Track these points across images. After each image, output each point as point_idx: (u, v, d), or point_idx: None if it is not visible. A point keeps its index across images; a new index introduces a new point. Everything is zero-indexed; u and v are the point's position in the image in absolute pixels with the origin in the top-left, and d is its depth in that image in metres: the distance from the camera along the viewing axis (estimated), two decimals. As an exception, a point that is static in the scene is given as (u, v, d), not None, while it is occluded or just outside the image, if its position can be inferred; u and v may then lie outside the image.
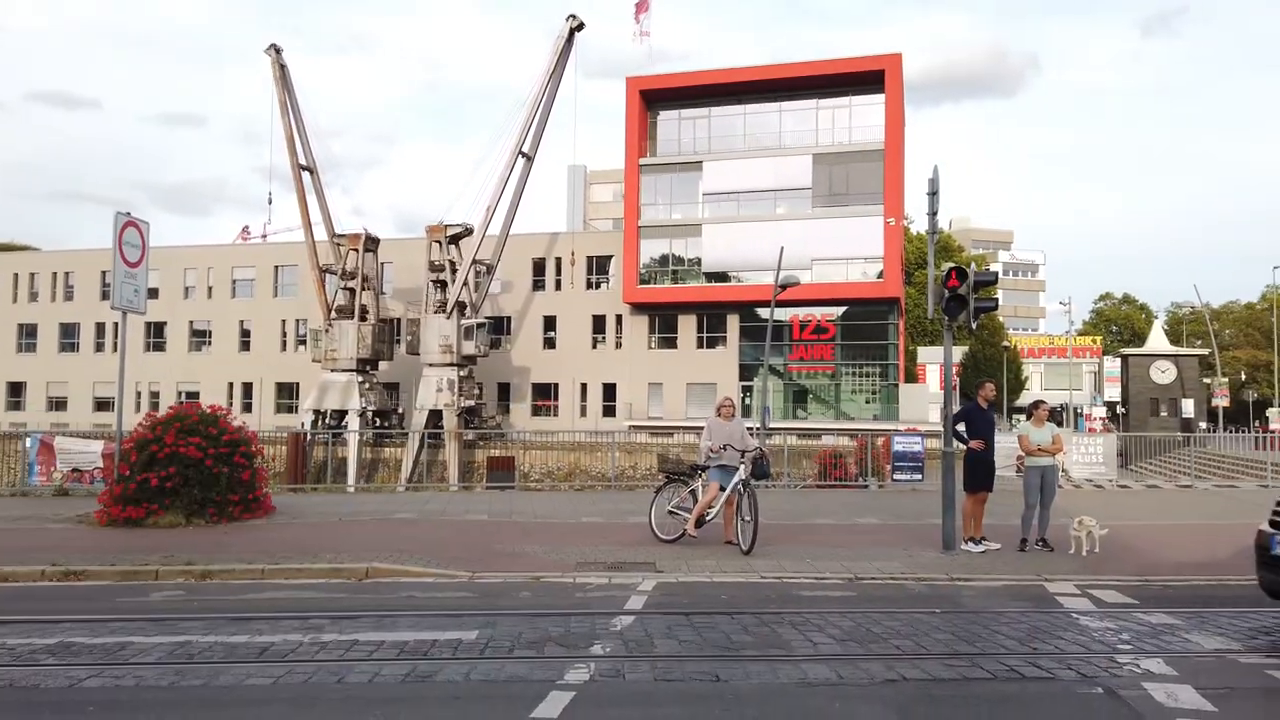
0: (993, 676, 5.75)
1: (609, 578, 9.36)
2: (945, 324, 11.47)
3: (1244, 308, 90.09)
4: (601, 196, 76.54)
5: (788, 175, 46.33)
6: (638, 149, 47.93)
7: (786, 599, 8.35)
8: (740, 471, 10.95)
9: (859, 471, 21.73)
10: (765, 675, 5.79)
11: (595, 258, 50.50)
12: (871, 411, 46.13)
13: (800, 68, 46.02)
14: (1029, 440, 11.29)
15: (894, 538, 12.12)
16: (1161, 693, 5.31)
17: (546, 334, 50.78)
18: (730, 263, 47.09)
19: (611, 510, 15.08)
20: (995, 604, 8.14)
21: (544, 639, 6.76)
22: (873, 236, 44.83)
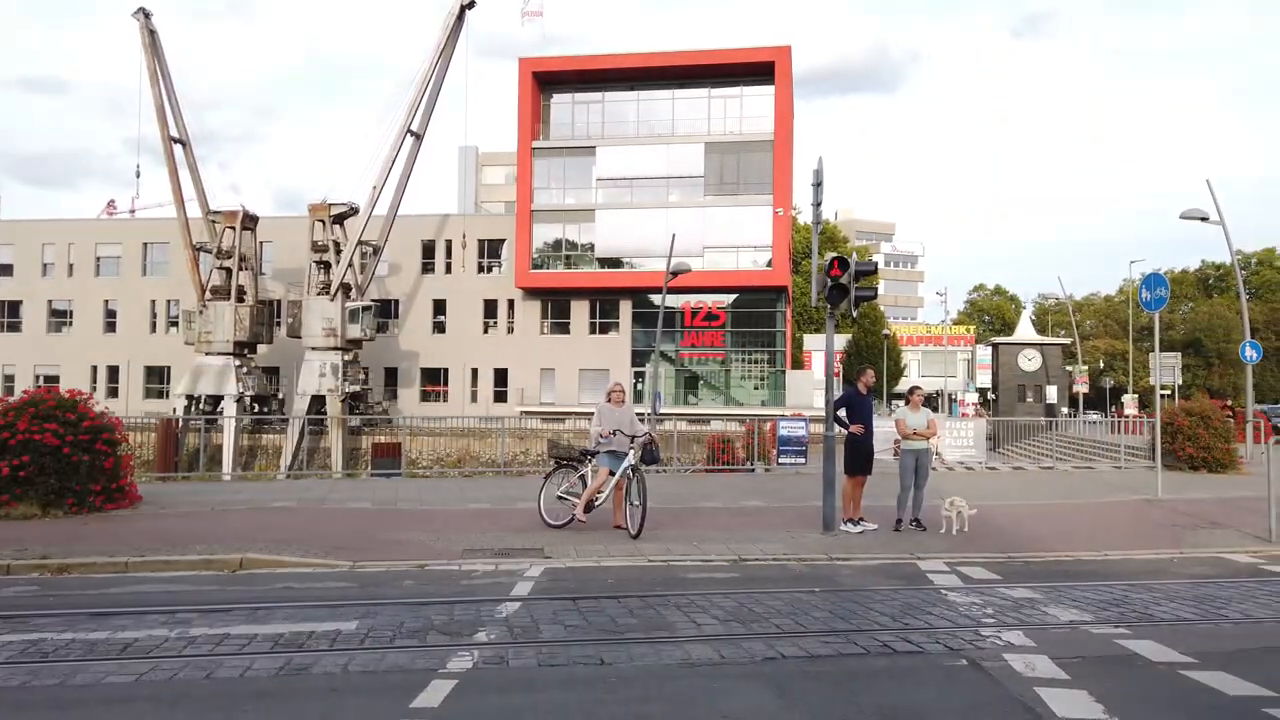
0: (866, 652, 5.97)
1: (496, 564, 9.28)
2: (828, 312, 11.78)
3: (1103, 300, 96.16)
4: (494, 179, 75.48)
5: (680, 163, 46.71)
6: (530, 132, 47.43)
7: (673, 581, 8.46)
8: (630, 457, 11.00)
9: (746, 456, 22.17)
10: (649, 657, 5.85)
11: (487, 241, 49.79)
12: (760, 397, 47.14)
13: (693, 56, 46.37)
14: (905, 425, 11.74)
15: (778, 520, 12.43)
16: (1020, 663, 5.62)
17: (436, 318, 49.83)
18: (623, 249, 47.21)
19: (500, 496, 14.94)
20: (871, 582, 8.45)
21: (427, 627, 6.65)
22: (762, 226, 45.71)
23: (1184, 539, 10.86)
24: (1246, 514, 12.61)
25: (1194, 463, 19.97)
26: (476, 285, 49.17)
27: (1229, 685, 5.16)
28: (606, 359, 46.71)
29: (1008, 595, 7.75)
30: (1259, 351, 26.59)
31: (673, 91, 47.39)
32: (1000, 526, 11.66)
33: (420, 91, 42.00)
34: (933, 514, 11.54)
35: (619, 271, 47.46)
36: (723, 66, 46.08)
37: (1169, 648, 5.94)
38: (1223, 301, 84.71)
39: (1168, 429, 19.74)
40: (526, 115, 47.22)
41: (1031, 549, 10.17)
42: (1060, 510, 13.76)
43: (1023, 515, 12.96)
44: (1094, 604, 7.38)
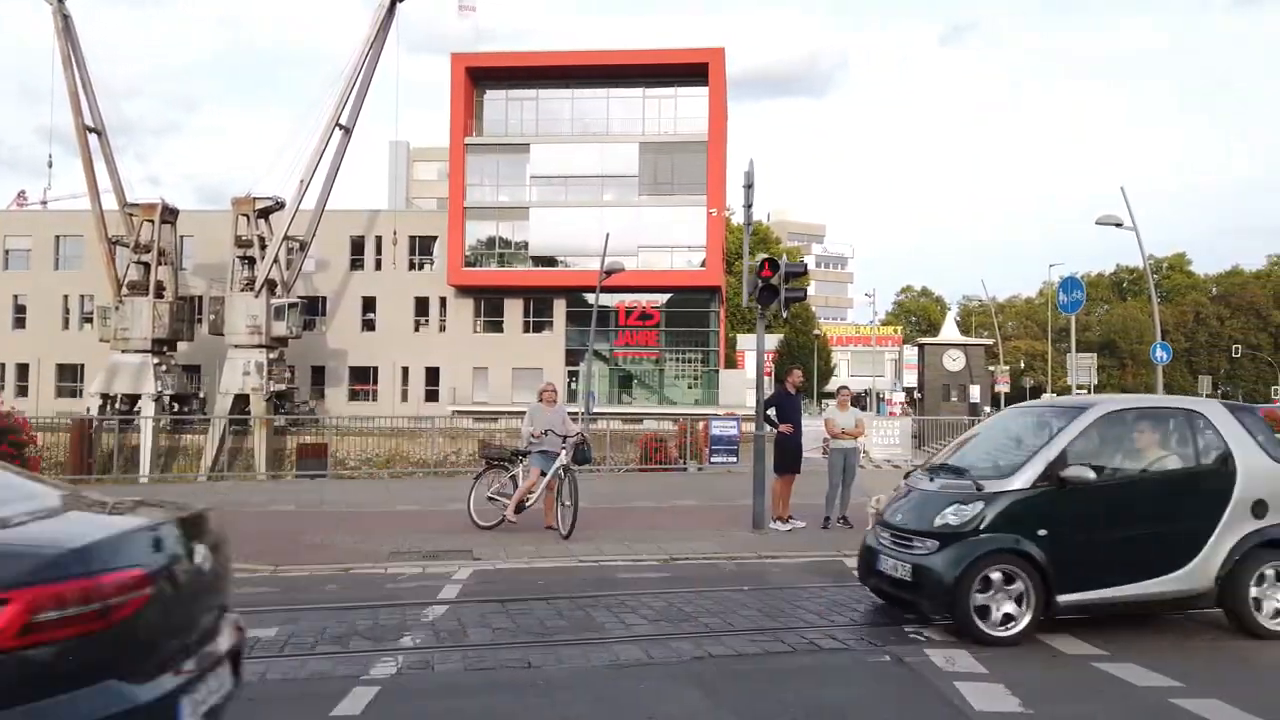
0: (793, 650, 6.03)
1: (423, 567, 9.13)
2: (759, 312, 11.90)
3: (1024, 302, 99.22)
4: (426, 175, 74.39)
5: (615, 162, 46.69)
6: (463, 128, 46.87)
7: (603, 582, 8.43)
8: (562, 457, 10.94)
9: (680, 455, 22.26)
10: (577, 659, 5.81)
11: (418, 238, 49.03)
12: (694, 397, 47.40)
13: (628, 56, 46.40)
14: (834, 424, 11.91)
15: (709, 519, 12.50)
16: (941, 657, 5.74)
17: (365, 315, 48.89)
18: (558, 247, 47.00)
19: (430, 498, 14.72)
20: (799, 580, 8.55)
21: (350, 633, 6.50)
22: (696, 226, 45.97)
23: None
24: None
25: (1108, 460, 20.70)
26: (407, 283, 48.40)
27: (1138, 676, 5.35)
28: (540, 358, 46.42)
29: (930, 591, 7.90)
30: (1168, 353, 27.70)
31: (608, 90, 47.33)
32: (924, 523, 11.90)
33: (349, 84, 41.14)
34: (860, 511, 11.70)
35: (553, 270, 47.23)
36: (657, 67, 46.20)
37: (1083, 641, 6.13)
38: (1136, 304, 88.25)
39: (1083, 427, 20.41)
40: (459, 111, 46.66)
41: (954, 545, 10.40)
42: (982, 507, 14.11)
43: (946, 512, 13.25)
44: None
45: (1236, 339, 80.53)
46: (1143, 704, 4.95)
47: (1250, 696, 4.93)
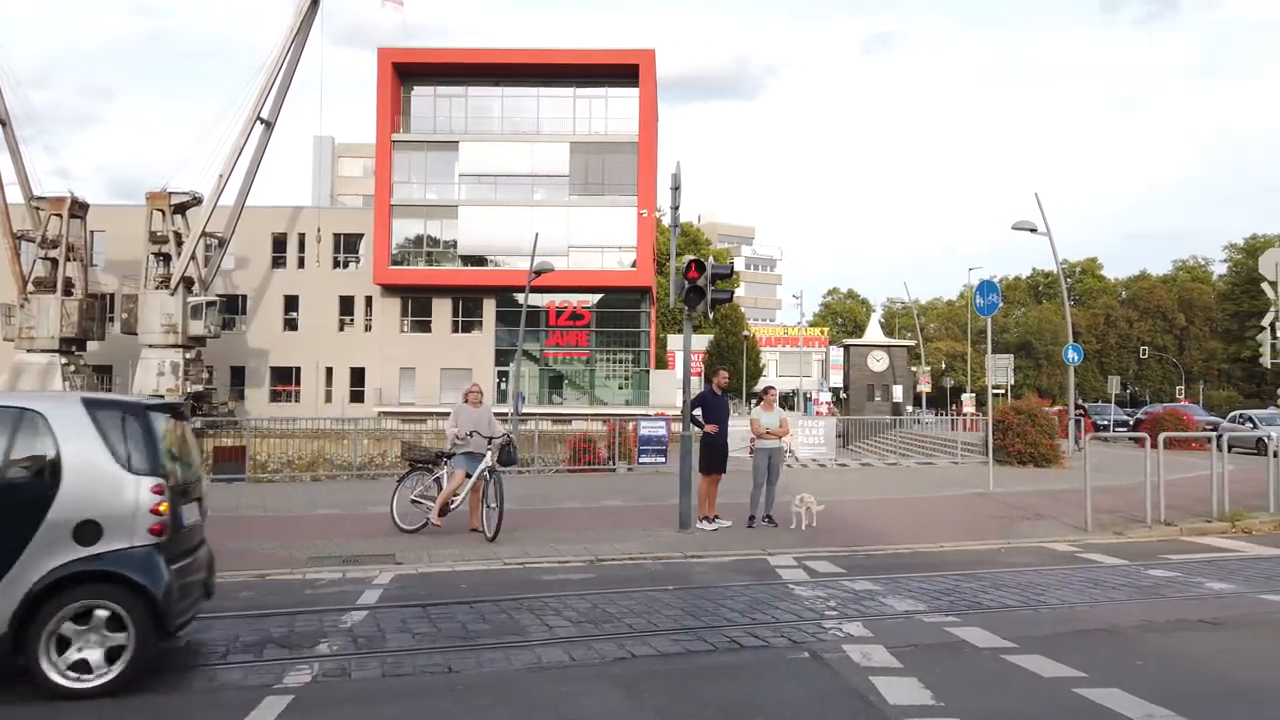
0: (714, 648, 6.07)
1: (343, 572, 8.94)
2: (685, 313, 11.97)
3: (946, 304, 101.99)
4: (351, 171, 72.89)
5: (545, 162, 46.49)
6: (390, 124, 46.10)
7: (528, 584, 8.37)
8: (487, 458, 10.83)
9: (609, 455, 22.25)
10: (499, 663, 5.76)
11: (344, 235, 48.07)
12: (624, 397, 47.46)
13: (559, 55, 46.24)
14: (759, 424, 12.04)
15: (636, 519, 12.53)
16: (858, 653, 5.85)
17: (288, 314, 47.72)
18: (487, 246, 46.59)
19: (352, 501, 14.43)
20: (723, 578, 8.62)
21: (264, 641, 6.33)
22: (627, 226, 46.08)
23: (1011, 530, 11.61)
24: (1067, 506, 13.60)
25: (1022, 458, 21.41)
26: (332, 281, 47.40)
27: (1044, 668, 5.53)
28: (469, 358, 45.93)
29: (850, 588, 8.06)
30: (1080, 354, 28.78)
31: (538, 89, 47.09)
32: (846, 521, 12.14)
33: (271, 77, 40.10)
34: (784, 510, 11.89)
35: (482, 269, 46.80)
36: (588, 67, 46.14)
37: (993, 634, 6.31)
38: (1051, 307, 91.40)
39: (999, 426, 21.09)
40: (386, 107, 45.87)
41: (874, 542, 10.63)
42: (902, 504, 14.47)
43: (867, 510, 13.55)
44: (928, 594, 7.77)
45: (1144, 340, 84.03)
46: (1048, 694, 5.11)
47: (1149, 685, 5.14)
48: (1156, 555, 9.81)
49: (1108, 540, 10.85)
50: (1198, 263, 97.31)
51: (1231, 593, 7.82)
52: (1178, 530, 11.37)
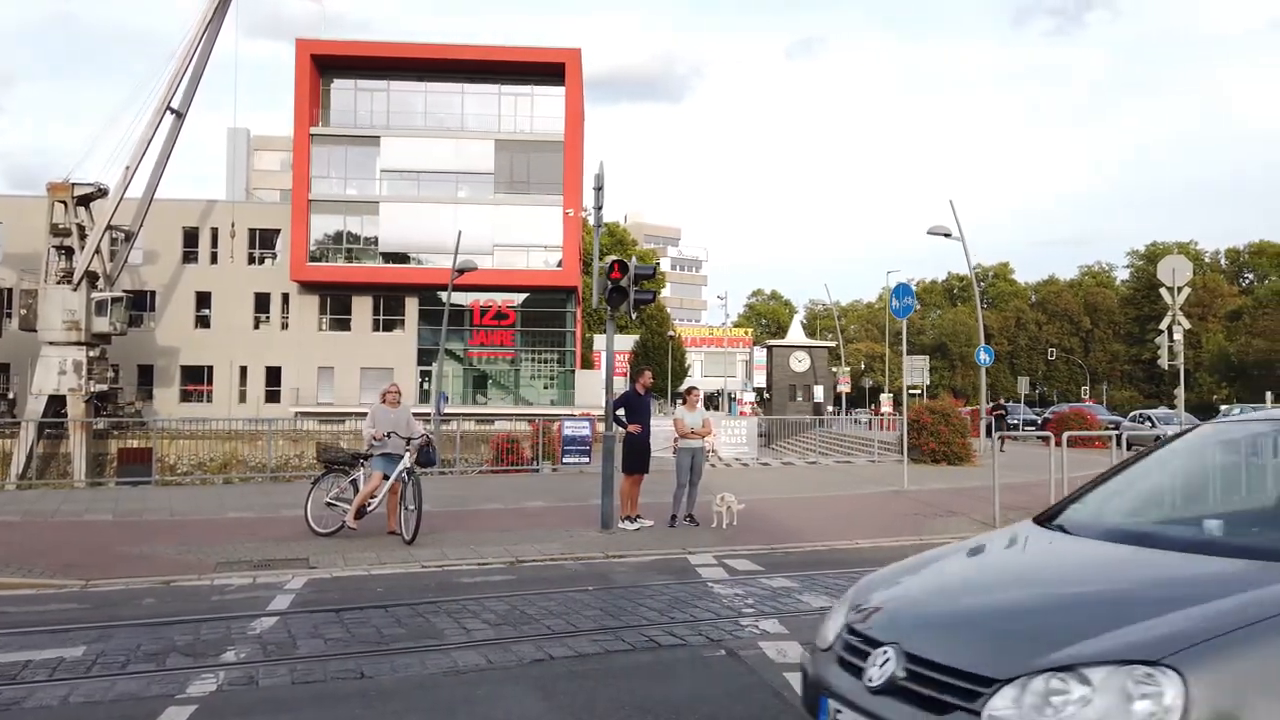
0: (632, 648, 6.09)
1: (253, 577, 8.68)
2: (608, 314, 11.98)
3: (865, 306, 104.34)
4: (268, 165, 70.90)
5: (470, 159, 46.00)
6: (308, 117, 45.01)
7: (446, 587, 8.26)
8: (405, 459, 10.66)
9: (533, 456, 22.12)
10: (413, 667, 5.67)
11: (259, 230, 46.72)
12: (549, 397, 47.27)
13: (484, 51, 45.81)
14: (683, 424, 12.12)
15: (558, 519, 12.48)
16: (774, 650, 5.93)
17: (199, 312, 46.17)
18: (409, 244, 45.87)
19: (265, 504, 14.03)
20: (643, 578, 8.65)
21: (167, 649, 6.11)
22: (553, 226, 45.90)
23: (924, 526, 11.93)
24: (977, 502, 14.05)
25: (936, 456, 22.04)
26: (247, 277, 46.03)
27: (950, 659, 5.69)
28: (391, 357, 45.15)
29: (768, 585, 8.17)
30: (991, 355, 29.76)
31: (463, 86, 46.58)
32: (766, 519, 12.31)
33: (183, 65, 38.69)
34: (706, 509, 11.99)
35: (404, 267, 46.04)
36: (514, 64, 45.84)
37: (903, 627, 6.47)
38: (965, 309, 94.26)
39: (914, 426, 21.67)
40: (304, 100, 44.77)
41: (793, 540, 10.80)
42: (820, 502, 14.74)
43: (787, 508, 13.77)
44: (843, 590, 7.88)
45: (1052, 343, 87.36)
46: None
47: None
48: (1059, 549, 10.18)
49: (1014, 535, 11.23)
50: (1102, 268, 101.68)
51: (1127, 584, 8.17)
52: (1079, 525, 11.84)
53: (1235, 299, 79.78)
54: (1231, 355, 59.52)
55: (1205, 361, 67.99)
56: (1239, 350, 58.19)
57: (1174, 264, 18.30)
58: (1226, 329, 71.28)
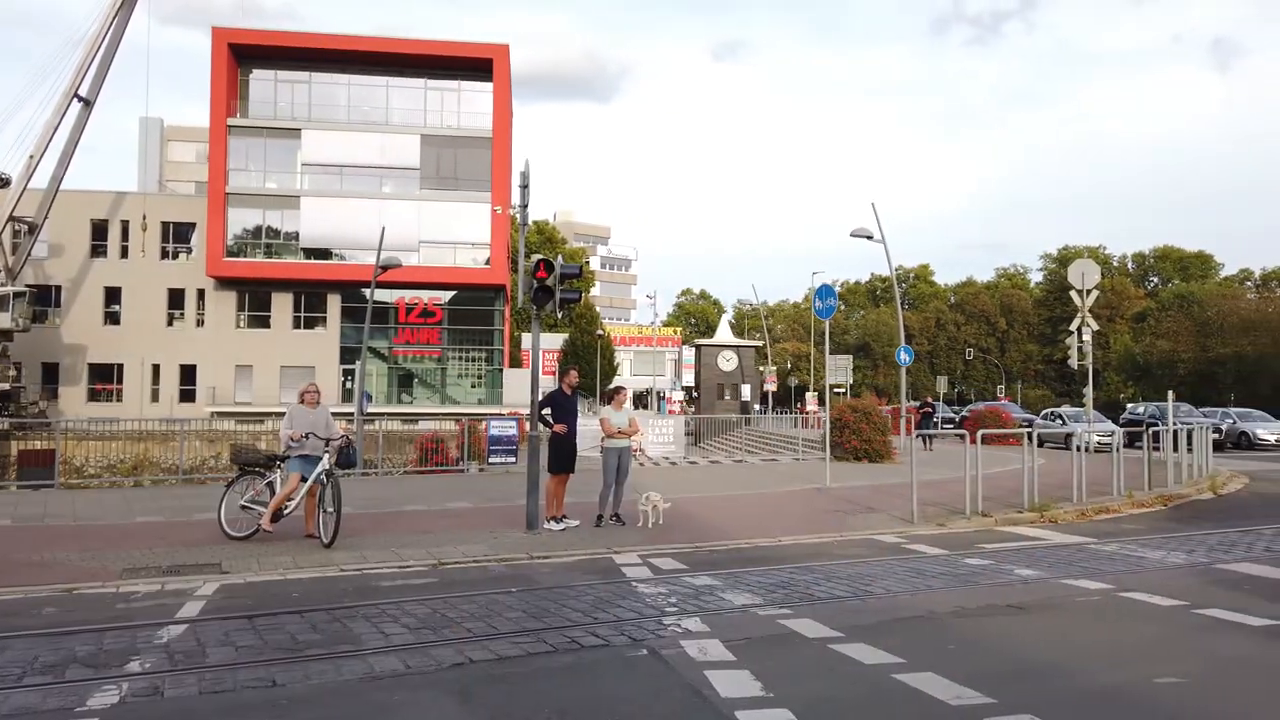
0: (554, 649, 6.05)
1: (162, 584, 8.38)
2: (534, 313, 11.89)
3: (792, 306, 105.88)
4: (182, 156, 68.51)
5: (395, 153, 45.21)
6: (226, 108, 43.65)
7: (365, 591, 8.10)
8: (324, 461, 10.42)
9: (460, 456, 21.87)
10: (328, 674, 5.54)
11: (173, 224, 45.15)
12: (477, 396, 46.78)
13: (410, 45, 45.09)
14: (609, 423, 12.10)
15: (483, 520, 12.35)
16: (695, 648, 5.97)
17: (109, 308, 44.38)
18: (332, 239, 44.87)
19: (176, 507, 13.56)
20: (568, 579, 8.61)
21: (67, 660, 5.85)
22: (481, 223, 45.42)
23: (845, 523, 12.15)
24: (896, 499, 14.37)
25: (858, 454, 22.49)
26: (160, 272, 44.43)
27: (867, 655, 5.81)
28: (312, 356, 44.10)
29: (691, 583, 8.22)
30: (911, 355, 30.52)
31: (388, 79, 45.74)
32: (692, 518, 12.39)
33: (92, 51, 37.19)
34: (632, 508, 12.02)
35: (327, 263, 45.02)
36: (441, 59, 45.22)
37: (823, 624, 6.59)
38: (887, 310, 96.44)
39: (837, 424, 22.08)
40: (221, 89, 43.39)
41: (717, 538, 10.89)
42: (745, 500, 14.90)
43: (712, 506, 13.88)
44: (764, 587, 8.02)
45: (970, 343, 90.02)
46: (869, 680, 5.38)
47: (959, 667, 5.49)
48: (973, 545, 10.50)
49: (931, 531, 11.54)
50: (1017, 270, 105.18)
51: (1036, 578, 8.46)
52: (993, 521, 12.22)
53: (1140, 301, 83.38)
54: (1137, 355, 62.19)
55: (1112, 361, 70.88)
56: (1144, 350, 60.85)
57: (1083, 268, 19.03)
58: (1132, 330, 74.44)
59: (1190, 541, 10.56)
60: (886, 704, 4.99)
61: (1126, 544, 10.36)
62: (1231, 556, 9.50)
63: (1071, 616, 7.03)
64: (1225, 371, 49.66)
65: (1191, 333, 53.87)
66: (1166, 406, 20.24)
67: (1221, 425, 30.58)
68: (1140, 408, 36.30)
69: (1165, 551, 9.85)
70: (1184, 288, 76.23)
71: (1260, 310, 53.45)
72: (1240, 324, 50.83)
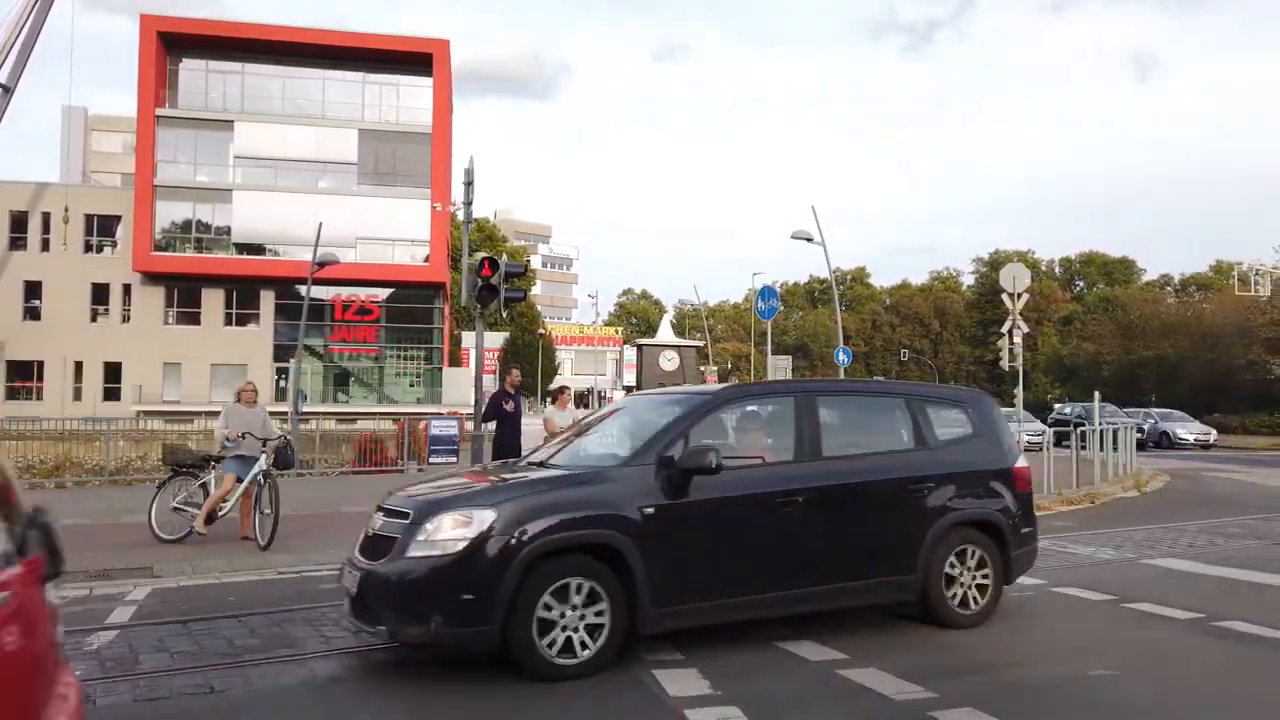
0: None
1: (90, 589, 8.09)
2: (478, 311, 11.80)
3: (732, 307, 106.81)
4: (108, 147, 66.15)
5: (332, 148, 44.36)
6: (154, 98, 42.32)
7: (304, 594, 7.93)
8: (261, 461, 10.17)
9: (399, 456, 21.54)
10: (268, 680, 5.41)
11: (98, 217, 43.61)
12: (416, 395, 46.18)
13: (347, 38, 44.29)
14: (553, 423, 12.03)
15: (424, 521, 12.17)
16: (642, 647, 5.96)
17: (29, 302, 42.69)
18: (266, 234, 43.84)
19: (103, 509, 13.11)
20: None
21: (-11, 672, 5.59)
22: (420, 220, 44.82)
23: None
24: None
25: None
26: (83, 267, 42.89)
27: (812, 652, 5.89)
28: (245, 353, 43.01)
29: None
30: (849, 356, 31.01)
31: (324, 72, 44.86)
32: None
33: (11, 37, 35.72)
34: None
35: (260, 259, 43.97)
36: (379, 53, 44.50)
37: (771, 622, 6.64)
38: (825, 311, 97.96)
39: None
40: (149, 79, 42.06)
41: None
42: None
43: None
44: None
45: (905, 344, 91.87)
46: (814, 675, 5.46)
47: (903, 665, 5.60)
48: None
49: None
50: (950, 274, 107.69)
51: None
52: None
53: (1067, 305, 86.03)
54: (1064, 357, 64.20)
55: (1041, 363, 73.05)
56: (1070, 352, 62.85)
57: (1014, 271, 19.55)
58: (1059, 333, 76.80)
59: (1118, 538, 10.94)
60: (832, 699, 5.07)
61: (1058, 540, 10.68)
62: (1157, 552, 9.87)
63: (1008, 612, 7.21)
64: (1147, 373, 51.55)
65: (1115, 335, 55.81)
66: (1092, 407, 20.94)
67: (1144, 425, 31.78)
68: (1067, 408, 37.52)
69: (1095, 548, 10.18)
70: (1108, 292, 79.04)
71: (1180, 314, 55.65)
72: (1161, 327, 52.82)
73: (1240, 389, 45.05)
